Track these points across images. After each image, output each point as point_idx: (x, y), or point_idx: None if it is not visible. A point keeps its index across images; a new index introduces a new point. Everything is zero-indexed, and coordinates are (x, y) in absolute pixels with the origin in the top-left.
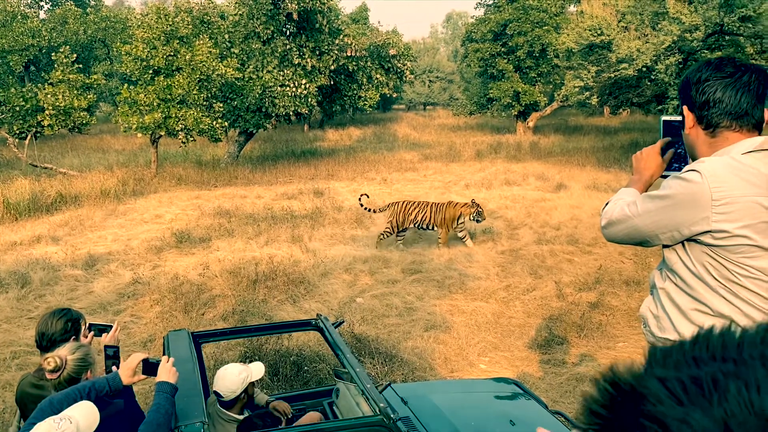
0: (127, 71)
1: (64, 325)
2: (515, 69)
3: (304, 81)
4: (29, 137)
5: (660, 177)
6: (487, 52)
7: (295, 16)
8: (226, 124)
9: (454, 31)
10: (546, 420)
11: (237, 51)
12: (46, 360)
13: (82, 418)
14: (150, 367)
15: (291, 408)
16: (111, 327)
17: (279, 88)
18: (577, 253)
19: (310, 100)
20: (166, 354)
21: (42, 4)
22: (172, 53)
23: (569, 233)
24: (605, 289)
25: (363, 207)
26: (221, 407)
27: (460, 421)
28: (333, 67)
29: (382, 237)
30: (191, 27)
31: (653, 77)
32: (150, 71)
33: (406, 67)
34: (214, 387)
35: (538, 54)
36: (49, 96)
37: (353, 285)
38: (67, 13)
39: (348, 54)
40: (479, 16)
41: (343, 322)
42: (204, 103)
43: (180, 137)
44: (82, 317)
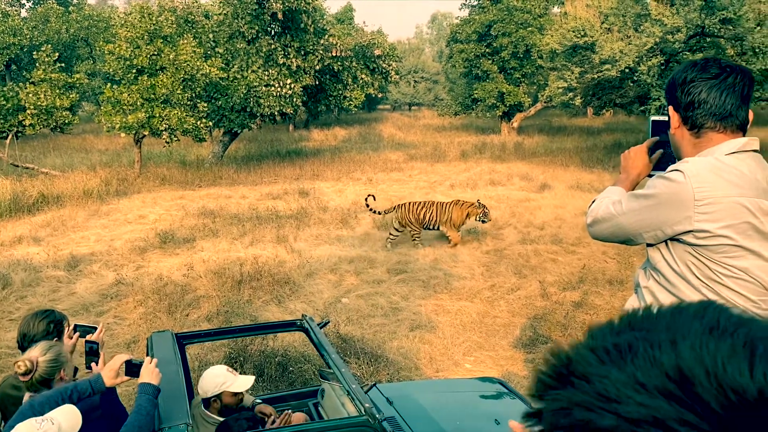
0: (110, 70)
1: (46, 327)
2: (500, 70)
3: (289, 81)
4: (10, 137)
5: (647, 176)
6: (472, 52)
7: (280, 15)
8: (210, 123)
9: (439, 32)
10: None
11: (221, 51)
12: (16, 363)
13: (64, 420)
14: (133, 369)
15: (275, 410)
16: (96, 328)
17: (264, 87)
18: (561, 253)
19: (295, 100)
20: (149, 355)
21: (23, 2)
22: (155, 53)
23: (553, 233)
24: (589, 289)
25: (369, 209)
26: (204, 409)
27: (445, 421)
28: (318, 67)
29: (404, 240)
30: (175, 26)
31: (636, 78)
32: (133, 71)
33: (391, 68)
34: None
35: (522, 55)
36: (31, 95)
37: (338, 285)
38: (49, 12)
39: (333, 54)
40: (464, 17)
41: (329, 322)
42: (188, 103)
43: (164, 137)
44: (65, 319)
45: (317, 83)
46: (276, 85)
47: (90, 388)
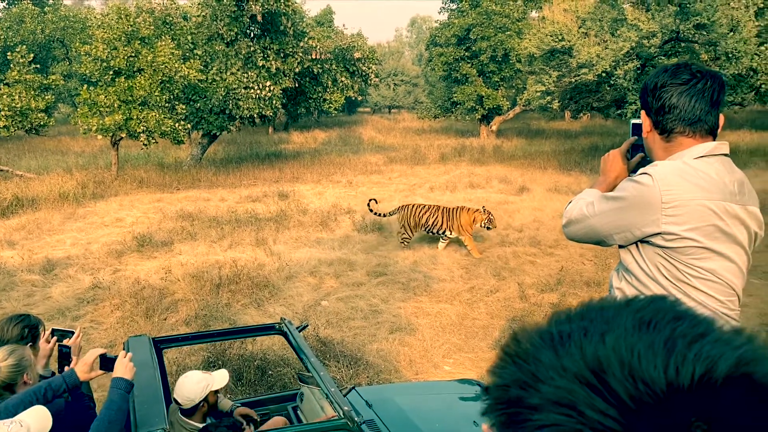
0: (87, 72)
1: (20, 331)
2: (479, 73)
3: (268, 83)
4: None
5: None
6: (451, 56)
7: (259, 18)
8: (188, 126)
9: (418, 35)
10: None
11: (200, 52)
12: None
13: (33, 421)
14: (107, 362)
15: (256, 413)
16: (73, 333)
17: (243, 90)
18: (540, 255)
19: (274, 102)
20: None
21: None
22: (133, 54)
23: (531, 235)
24: (567, 290)
25: (372, 212)
26: (182, 415)
27: (424, 423)
28: (297, 70)
29: (404, 243)
30: (153, 28)
31: (612, 82)
32: (110, 72)
33: (371, 71)
34: (174, 394)
35: (501, 59)
36: (5, 97)
37: (318, 288)
38: (24, 12)
39: (313, 57)
40: (443, 20)
41: (308, 325)
42: (166, 105)
43: (141, 139)
44: (41, 324)
45: (297, 86)
46: (255, 88)
47: (64, 383)
